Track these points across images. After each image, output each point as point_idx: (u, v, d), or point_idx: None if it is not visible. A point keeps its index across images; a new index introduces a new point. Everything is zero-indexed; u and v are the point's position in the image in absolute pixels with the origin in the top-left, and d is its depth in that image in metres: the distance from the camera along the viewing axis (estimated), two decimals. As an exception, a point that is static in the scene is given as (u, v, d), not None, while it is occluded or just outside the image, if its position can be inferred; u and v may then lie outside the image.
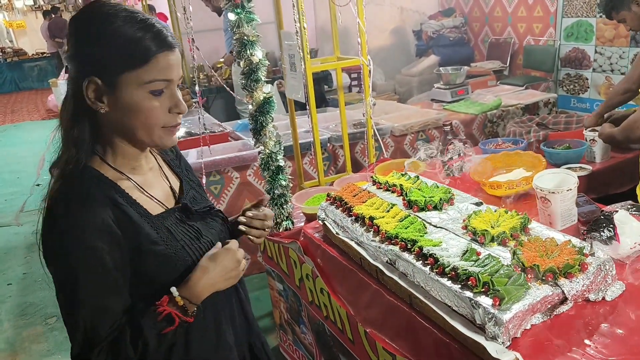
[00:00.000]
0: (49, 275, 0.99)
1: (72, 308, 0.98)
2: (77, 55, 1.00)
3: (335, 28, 2.64)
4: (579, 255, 1.21)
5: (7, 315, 3.31)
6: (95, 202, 0.99)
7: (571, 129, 2.75)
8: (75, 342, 0.98)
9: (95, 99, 1.00)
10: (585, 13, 5.14)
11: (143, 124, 1.03)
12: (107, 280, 0.99)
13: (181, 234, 1.12)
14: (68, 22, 1.03)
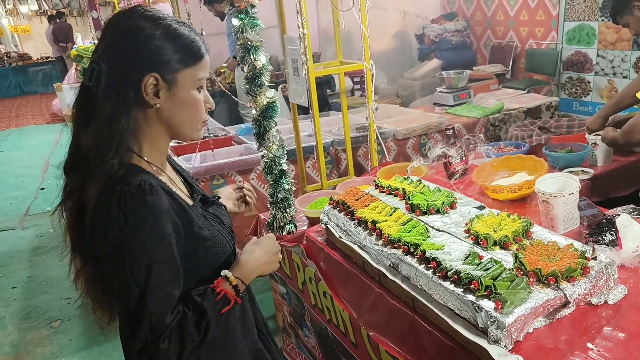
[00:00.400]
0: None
1: (143, 297, 0.98)
2: (133, 54, 1.02)
3: (338, 33, 2.66)
4: (581, 258, 1.22)
5: (12, 319, 3.32)
6: (158, 191, 1.02)
7: (573, 132, 2.75)
8: (140, 332, 0.98)
9: (153, 95, 1.04)
10: (587, 16, 5.15)
11: (191, 118, 1.10)
12: (174, 267, 1.03)
13: (210, 220, 1.18)
14: (111, 25, 1.05)
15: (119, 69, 1.02)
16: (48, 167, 6.82)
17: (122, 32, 1.03)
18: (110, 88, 1.01)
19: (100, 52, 1.03)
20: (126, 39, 1.03)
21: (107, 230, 0.98)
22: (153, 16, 1.04)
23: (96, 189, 1.00)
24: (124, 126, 1.02)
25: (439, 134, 3.64)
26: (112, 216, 0.98)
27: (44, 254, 4.21)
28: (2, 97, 13.93)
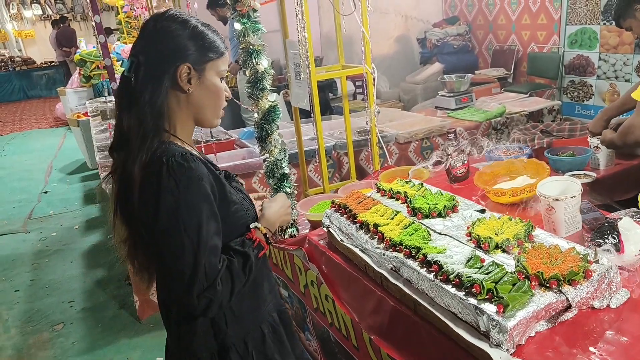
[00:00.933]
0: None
1: (197, 250, 1.13)
2: (169, 48, 1.19)
3: (339, 37, 2.67)
4: (583, 262, 1.22)
5: (14, 322, 3.33)
6: (198, 159, 1.19)
7: (575, 136, 2.75)
8: (197, 280, 1.13)
9: (187, 82, 1.20)
10: (589, 20, 5.15)
11: (214, 103, 1.28)
12: (217, 222, 1.19)
13: (235, 190, 1.33)
14: (149, 25, 1.22)
15: (157, 60, 1.18)
16: (51, 170, 6.84)
17: (158, 31, 1.20)
18: (149, 76, 1.17)
19: (139, 47, 1.20)
20: (163, 35, 1.19)
21: (159, 197, 1.12)
22: (183, 18, 1.22)
23: (141, 164, 1.14)
24: (161, 109, 1.18)
25: (441, 138, 3.64)
26: (163, 183, 1.12)
27: (46, 257, 4.22)
28: (6, 101, 14.01)
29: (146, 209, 1.14)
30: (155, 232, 1.14)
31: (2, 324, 3.32)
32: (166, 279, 1.20)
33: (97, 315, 3.24)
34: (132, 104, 1.16)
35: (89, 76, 6.80)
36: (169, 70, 1.18)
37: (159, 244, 1.15)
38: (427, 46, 6.75)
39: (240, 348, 1.32)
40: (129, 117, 1.16)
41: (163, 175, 1.12)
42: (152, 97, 1.16)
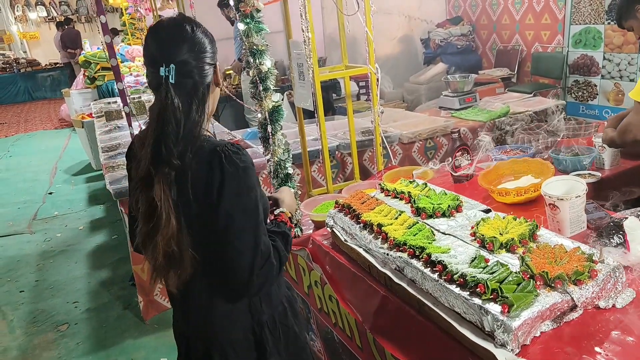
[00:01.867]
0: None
1: (256, 230, 1.26)
2: (213, 49, 1.29)
3: (343, 37, 2.66)
4: (588, 262, 1.21)
5: (19, 322, 3.34)
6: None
7: (580, 135, 2.74)
8: (257, 257, 1.25)
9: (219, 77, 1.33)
10: (593, 20, 5.14)
11: (215, 102, 1.39)
12: (263, 205, 1.32)
13: None
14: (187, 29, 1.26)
15: (204, 62, 1.26)
16: (56, 172, 6.86)
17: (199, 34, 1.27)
18: (199, 76, 1.25)
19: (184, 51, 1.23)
20: (202, 38, 1.27)
21: (223, 182, 1.21)
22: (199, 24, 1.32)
23: (196, 156, 1.22)
24: (205, 104, 1.28)
25: (445, 138, 3.63)
26: (225, 170, 1.21)
27: (51, 258, 4.23)
28: (12, 102, 14.06)
29: (209, 195, 1.21)
30: (219, 215, 1.22)
31: (7, 325, 3.33)
32: (226, 261, 1.25)
33: (102, 316, 3.25)
34: (193, 105, 1.23)
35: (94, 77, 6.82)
36: (212, 69, 1.29)
37: (220, 227, 1.22)
38: (431, 46, 6.74)
39: (270, 324, 1.41)
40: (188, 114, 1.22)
41: (224, 164, 1.21)
42: (202, 94, 1.26)
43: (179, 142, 1.20)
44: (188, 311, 1.39)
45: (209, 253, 1.27)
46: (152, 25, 1.30)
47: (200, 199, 1.22)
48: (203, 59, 1.25)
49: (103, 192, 5.55)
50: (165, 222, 1.19)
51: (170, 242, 1.20)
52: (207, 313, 1.35)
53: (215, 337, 1.36)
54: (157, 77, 1.21)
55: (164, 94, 1.20)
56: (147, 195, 1.21)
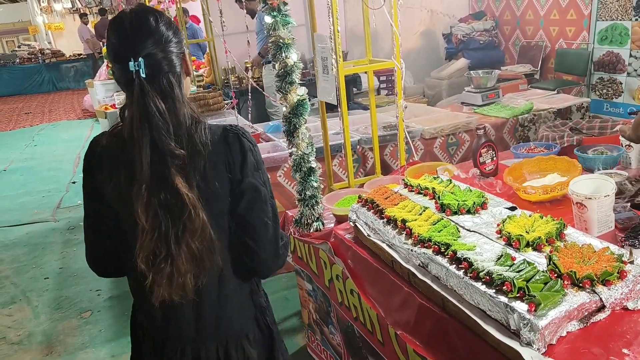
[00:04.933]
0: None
1: (273, 202, 1.30)
2: (178, 39, 1.23)
3: (367, 31, 2.66)
4: (617, 262, 1.20)
5: (44, 309, 3.42)
6: None
7: (606, 134, 2.70)
8: (278, 225, 1.32)
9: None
10: (620, 16, 5.03)
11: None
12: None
13: None
14: (152, 21, 1.19)
15: (173, 53, 1.20)
16: (79, 161, 6.98)
17: (164, 25, 1.20)
18: (172, 67, 1.20)
19: (151, 45, 1.16)
20: (173, 31, 1.22)
21: (245, 156, 1.24)
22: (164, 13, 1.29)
23: (209, 138, 1.20)
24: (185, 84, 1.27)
25: (467, 134, 3.61)
26: (245, 145, 1.24)
27: (74, 246, 4.31)
28: (36, 92, 14.35)
29: (233, 171, 1.22)
30: (244, 190, 1.24)
31: (32, 310, 3.42)
32: (254, 237, 1.26)
33: (124, 304, 3.30)
34: (172, 95, 1.17)
35: (116, 69, 6.89)
36: (180, 59, 1.22)
37: (244, 203, 1.24)
38: (453, 41, 6.67)
39: (265, 304, 1.44)
40: (169, 106, 1.17)
41: (243, 139, 1.25)
42: (179, 84, 1.21)
43: (173, 134, 1.15)
44: (199, 315, 1.28)
45: (231, 239, 1.27)
46: (113, 19, 1.22)
47: (222, 179, 1.21)
48: (170, 50, 1.19)
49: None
50: (195, 216, 1.14)
51: (201, 239, 1.16)
52: (220, 310, 1.30)
53: (232, 333, 1.32)
54: (126, 72, 1.14)
55: (139, 89, 1.13)
56: (162, 196, 1.13)
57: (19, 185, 6.13)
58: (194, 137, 1.18)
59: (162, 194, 1.13)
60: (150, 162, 1.12)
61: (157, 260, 1.15)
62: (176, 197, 1.13)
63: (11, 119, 11.04)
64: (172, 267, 1.16)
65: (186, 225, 1.14)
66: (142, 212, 1.12)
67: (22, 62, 14.62)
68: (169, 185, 1.13)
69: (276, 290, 3.23)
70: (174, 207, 1.13)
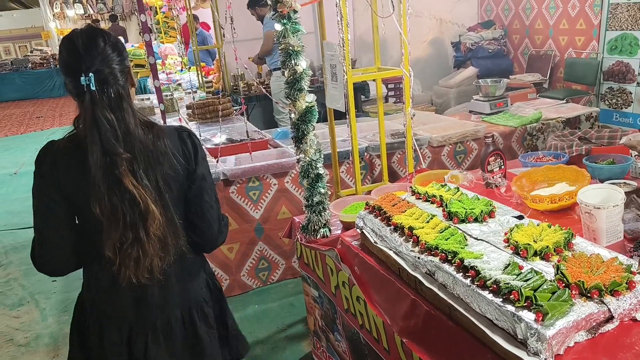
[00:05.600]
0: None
1: (215, 187, 1.56)
2: (124, 56, 1.40)
3: (376, 39, 2.67)
4: (626, 272, 1.19)
5: (52, 311, 3.44)
6: None
7: (615, 143, 2.68)
8: (219, 208, 1.57)
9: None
10: (630, 26, 5.02)
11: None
12: None
13: None
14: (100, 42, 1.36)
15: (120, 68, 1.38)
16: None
17: (112, 45, 1.38)
18: (121, 79, 1.37)
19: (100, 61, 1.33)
20: (114, 48, 1.38)
21: (197, 151, 1.48)
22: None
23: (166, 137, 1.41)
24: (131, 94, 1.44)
25: (475, 142, 3.60)
26: (195, 141, 1.49)
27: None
28: (48, 97, 14.50)
29: (189, 161, 1.46)
30: (196, 178, 1.48)
31: (40, 313, 3.44)
32: (202, 218, 1.50)
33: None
34: (120, 105, 1.35)
35: (127, 74, 6.96)
36: (125, 73, 1.40)
37: (195, 188, 1.48)
38: (462, 50, 6.68)
39: (210, 269, 1.70)
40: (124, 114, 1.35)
41: (192, 136, 1.49)
42: (123, 95, 1.37)
43: (122, 139, 1.32)
44: (166, 291, 1.48)
45: (185, 220, 1.49)
46: (66, 37, 1.38)
47: (179, 170, 1.43)
48: (115, 67, 1.35)
49: (133, 187, 5.67)
50: (146, 208, 1.33)
51: (163, 226, 1.36)
52: (182, 283, 1.52)
53: (193, 299, 1.56)
54: (77, 85, 1.30)
55: (89, 100, 1.30)
56: (117, 193, 1.31)
57: (29, 188, 6.04)
58: (148, 138, 1.37)
59: (116, 191, 1.31)
60: (102, 164, 1.29)
61: (123, 246, 1.33)
62: (129, 193, 1.31)
63: (22, 123, 11.16)
64: (138, 252, 1.35)
65: (143, 215, 1.33)
66: (101, 208, 1.31)
67: (34, 67, 14.80)
68: (121, 183, 1.31)
69: (282, 296, 3.24)
70: (129, 201, 1.32)
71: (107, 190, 1.30)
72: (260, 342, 2.84)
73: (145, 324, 1.49)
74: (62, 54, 1.36)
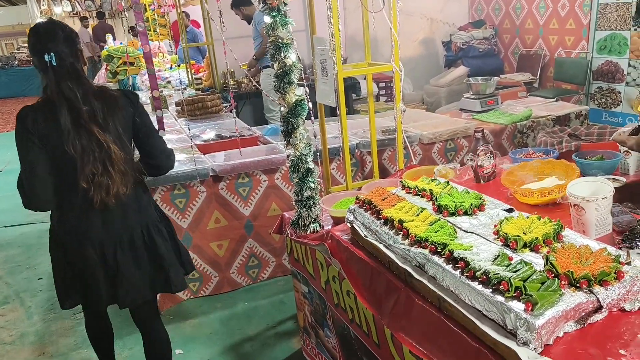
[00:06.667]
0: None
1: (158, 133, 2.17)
2: (77, 41, 1.92)
3: (367, 34, 2.66)
4: (615, 263, 1.19)
5: (37, 309, 3.39)
6: None
7: (604, 140, 2.70)
8: (165, 146, 2.14)
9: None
10: (619, 26, 5.06)
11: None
12: None
13: None
14: (59, 31, 1.85)
15: (75, 48, 1.89)
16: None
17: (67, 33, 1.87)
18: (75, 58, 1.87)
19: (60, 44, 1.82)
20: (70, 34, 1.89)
21: (141, 107, 1.99)
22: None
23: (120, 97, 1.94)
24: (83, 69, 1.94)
25: (466, 140, 3.61)
26: (138, 99, 2.01)
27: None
28: (35, 95, 14.26)
29: (137, 113, 1.97)
30: (144, 126, 2.00)
31: (25, 311, 3.39)
32: (156, 152, 2.05)
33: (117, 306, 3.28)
34: (76, 75, 1.84)
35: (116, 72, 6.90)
36: (78, 53, 1.90)
37: (145, 132, 2.00)
38: (452, 49, 6.70)
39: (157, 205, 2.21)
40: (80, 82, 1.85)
41: (135, 94, 2.03)
42: (77, 68, 1.87)
43: (81, 99, 1.81)
44: (127, 211, 1.95)
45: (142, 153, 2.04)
46: (33, 27, 1.87)
47: (129, 119, 1.93)
48: (70, 47, 1.85)
49: (122, 185, 5.62)
50: (109, 148, 1.83)
51: (123, 160, 1.86)
52: (139, 204, 2.00)
53: (149, 218, 2.03)
54: (42, 62, 1.79)
55: (52, 73, 1.80)
56: (84, 137, 1.80)
57: (15, 186, 6.08)
58: (101, 97, 1.86)
59: (84, 135, 1.81)
60: (70, 117, 1.79)
61: (95, 177, 1.83)
62: (94, 136, 1.82)
63: (8, 121, 11.03)
64: (108, 181, 1.85)
65: (107, 152, 1.83)
66: (74, 148, 1.79)
67: (20, 65, 14.63)
68: (86, 130, 1.81)
69: (272, 293, 3.22)
70: (95, 142, 1.82)
71: (76, 135, 1.79)
72: (249, 339, 2.82)
73: (113, 239, 1.94)
74: (30, 39, 1.84)
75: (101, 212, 1.89)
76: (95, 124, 1.81)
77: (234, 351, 2.74)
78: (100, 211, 1.89)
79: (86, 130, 1.80)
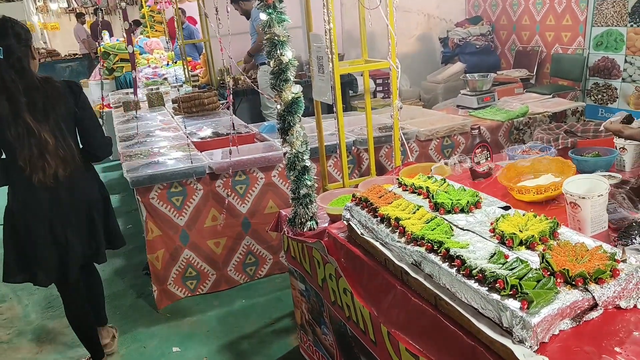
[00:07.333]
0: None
1: (99, 123, 2.44)
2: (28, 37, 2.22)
3: (363, 31, 2.65)
4: (610, 260, 1.20)
5: (35, 307, 3.39)
6: None
7: (600, 137, 2.70)
8: (104, 135, 2.45)
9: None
10: (615, 22, 5.06)
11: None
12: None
13: None
14: (9, 27, 2.13)
15: (25, 44, 2.18)
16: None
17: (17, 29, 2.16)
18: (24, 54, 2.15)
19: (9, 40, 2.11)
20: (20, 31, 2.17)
21: (84, 98, 2.30)
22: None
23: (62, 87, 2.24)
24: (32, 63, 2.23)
25: (462, 136, 3.61)
26: (81, 91, 2.30)
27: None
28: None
29: (78, 105, 2.25)
30: (86, 117, 2.30)
31: (22, 310, 3.38)
32: (96, 141, 2.38)
33: (115, 304, 3.28)
34: (20, 68, 2.11)
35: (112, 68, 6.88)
36: (28, 48, 2.18)
37: (87, 122, 2.32)
38: (449, 45, 6.69)
39: (100, 181, 2.51)
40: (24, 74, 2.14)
41: (79, 85, 2.31)
42: (25, 62, 2.14)
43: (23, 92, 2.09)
44: (73, 190, 2.26)
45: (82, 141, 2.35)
46: None
47: (70, 109, 2.22)
48: (19, 42, 2.12)
49: (119, 182, 5.61)
50: (41, 135, 2.12)
51: (55, 147, 2.14)
52: (84, 184, 2.33)
53: (92, 197, 2.37)
54: None
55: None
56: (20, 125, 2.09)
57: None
58: (44, 89, 2.14)
59: (20, 124, 2.09)
60: (7, 106, 2.08)
61: (32, 159, 2.12)
62: (28, 125, 2.10)
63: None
64: (43, 164, 2.14)
65: (40, 140, 2.11)
66: (11, 134, 2.10)
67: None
68: (21, 119, 2.09)
69: (270, 291, 3.22)
70: (28, 131, 2.10)
71: (12, 122, 2.08)
72: (247, 337, 2.82)
73: (61, 217, 2.24)
74: None
75: (47, 191, 2.19)
76: (31, 115, 2.09)
77: (232, 349, 2.74)
78: (46, 189, 2.18)
79: (23, 120, 2.08)
